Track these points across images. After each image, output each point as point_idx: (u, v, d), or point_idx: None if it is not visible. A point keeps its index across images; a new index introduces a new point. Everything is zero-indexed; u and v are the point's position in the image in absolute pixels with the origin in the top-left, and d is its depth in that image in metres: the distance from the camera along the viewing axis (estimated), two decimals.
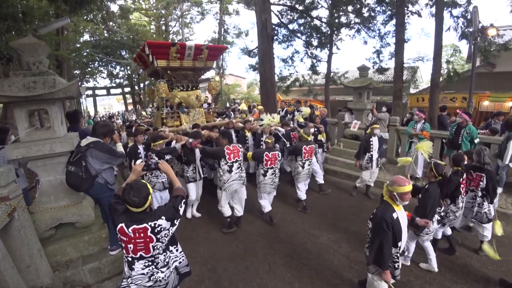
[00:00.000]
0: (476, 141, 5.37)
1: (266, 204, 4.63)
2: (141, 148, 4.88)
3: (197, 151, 4.40)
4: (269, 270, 3.50)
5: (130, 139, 6.07)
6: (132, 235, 1.95)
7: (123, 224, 1.95)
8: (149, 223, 1.97)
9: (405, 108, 12.49)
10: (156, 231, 1.99)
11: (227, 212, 4.36)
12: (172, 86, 6.65)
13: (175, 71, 6.55)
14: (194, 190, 4.70)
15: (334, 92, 17.86)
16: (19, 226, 2.59)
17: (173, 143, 4.76)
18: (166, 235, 2.08)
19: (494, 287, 3.15)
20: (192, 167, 4.63)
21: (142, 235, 1.96)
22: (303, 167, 4.94)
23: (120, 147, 3.38)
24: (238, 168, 4.11)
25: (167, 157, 4.18)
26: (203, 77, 8.01)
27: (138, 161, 2.63)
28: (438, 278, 3.28)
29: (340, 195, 5.92)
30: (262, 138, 5.50)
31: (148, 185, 2.05)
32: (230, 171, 4.04)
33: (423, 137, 5.97)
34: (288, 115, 8.59)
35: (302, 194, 5.09)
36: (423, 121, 6.14)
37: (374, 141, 5.39)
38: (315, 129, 6.31)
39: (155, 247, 2.03)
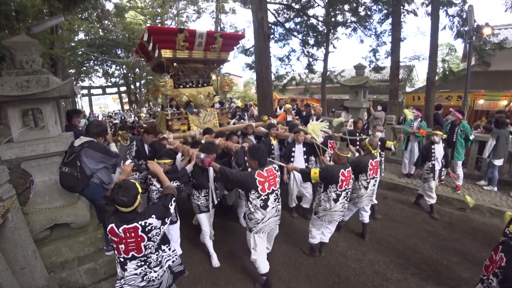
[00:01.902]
0: (471, 137, 5.46)
1: (318, 235, 3.63)
2: (147, 149, 4.40)
3: (211, 170, 3.34)
4: None
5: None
6: (123, 235, 1.93)
7: (113, 225, 1.94)
8: (140, 222, 1.95)
9: (401, 106, 12.55)
10: (147, 230, 1.98)
11: (263, 267, 3.05)
12: (179, 82, 5.65)
13: (182, 63, 5.54)
14: (207, 222, 3.57)
15: (331, 91, 17.90)
16: (13, 227, 2.56)
17: (179, 155, 3.87)
18: (158, 234, 2.06)
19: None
20: (205, 192, 3.46)
21: (133, 234, 1.95)
22: (366, 187, 3.83)
23: (113, 147, 3.36)
24: (275, 199, 2.94)
25: (175, 183, 3.02)
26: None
27: (127, 162, 2.61)
28: (434, 276, 3.30)
29: None
30: (293, 149, 4.44)
31: (137, 184, 2.02)
32: (265, 207, 2.84)
33: (420, 135, 6.03)
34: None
35: (366, 216, 4.09)
36: (419, 119, 6.20)
37: (437, 149, 4.67)
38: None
39: (147, 247, 2.02)
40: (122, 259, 2.03)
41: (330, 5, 12.81)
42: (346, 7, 12.82)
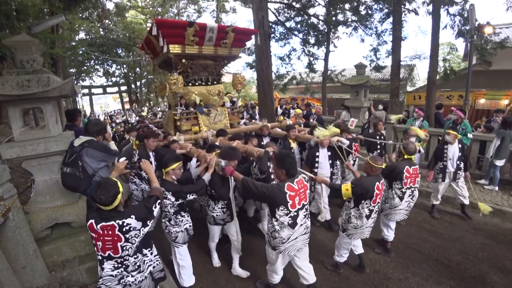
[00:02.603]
0: (469, 135, 5.43)
1: (346, 254, 3.31)
2: (152, 157, 3.91)
3: (232, 178, 2.91)
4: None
5: (130, 137, 5.03)
6: (101, 232, 1.92)
7: (92, 221, 1.93)
8: (117, 221, 1.92)
9: (402, 106, 12.53)
10: (124, 229, 1.93)
11: (276, 279, 2.86)
12: (187, 80, 5.38)
13: (191, 59, 5.28)
14: (218, 234, 3.37)
15: (331, 90, 17.87)
16: (14, 227, 2.57)
17: (194, 161, 3.52)
18: (137, 235, 2.00)
19: (490, 283, 3.17)
20: (222, 204, 3.14)
21: (110, 232, 1.92)
22: (401, 197, 3.48)
23: (113, 146, 3.37)
24: (305, 216, 2.59)
25: (191, 196, 2.79)
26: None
27: (122, 159, 2.60)
28: (434, 275, 3.30)
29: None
30: (317, 153, 4.10)
31: (118, 183, 1.98)
32: (293, 225, 2.48)
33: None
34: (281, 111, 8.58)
35: (391, 234, 3.75)
36: (421, 118, 6.21)
37: (450, 150, 4.49)
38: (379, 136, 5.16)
39: (124, 248, 1.98)
40: (100, 257, 2.01)
41: (330, 4, 12.76)
42: (347, 6, 12.76)
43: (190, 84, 5.43)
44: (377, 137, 5.19)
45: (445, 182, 4.61)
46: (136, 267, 2.09)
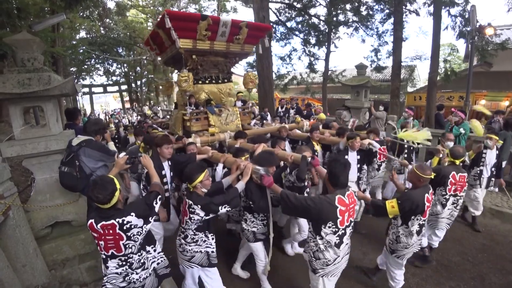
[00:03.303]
0: (461, 130, 5.31)
1: (402, 277, 2.92)
2: (166, 167, 3.21)
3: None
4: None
5: (138, 139, 4.64)
6: (102, 232, 1.88)
7: (92, 220, 1.89)
8: (117, 220, 1.87)
9: (402, 106, 12.53)
10: (125, 228, 1.89)
11: None
12: (197, 77, 5.07)
13: (202, 56, 4.98)
14: (263, 251, 2.92)
15: (332, 91, 17.88)
16: (14, 225, 2.57)
17: (219, 168, 3.23)
18: (139, 233, 1.96)
19: (489, 284, 3.17)
20: (262, 216, 2.81)
21: (111, 231, 1.88)
22: (444, 205, 3.24)
23: (112, 146, 3.35)
24: (349, 234, 2.31)
25: (224, 209, 2.42)
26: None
27: (122, 154, 2.57)
28: (434, 276, 3.30)
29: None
30: (346, 157, 3.71)
31: (115, 180, 1.93)
32: (339, 244, 2.19)
33: None
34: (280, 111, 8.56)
35: (436, 241, 3.50)
36: (411, 118, 6.26)
37: (488, 155, 4.17)
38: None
39: (127, 246, 1.94)
40: (104, 256, 1.98)
41: (331, 4, 12.76)
42: (348, 6, 12.78)
43: (200, 82, 5.17)
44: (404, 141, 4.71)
45: (482, 189, 4.27)
46: (141, 264, 2.07)
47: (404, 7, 10.21)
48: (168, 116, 8.98)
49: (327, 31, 13.43)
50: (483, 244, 3.92)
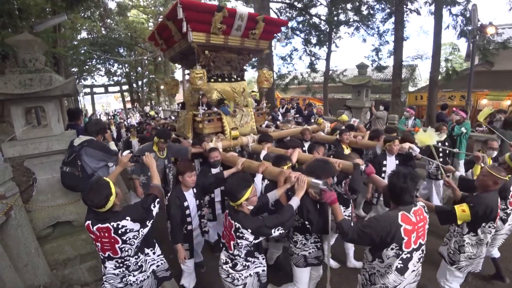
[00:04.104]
0: (462, 129, 5.34)
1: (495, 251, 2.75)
2: (190, 197, 2.73)
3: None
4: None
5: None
6: (98, 234, 1.88)
7: (89, 222, 1.88)
8: (112, 223, 1.84)
9: (403, 106, 12.52)
10: (119, 232, 1.86)
11: None
12: (209, 75, 4.66)
13: (215, 51, 4.62)
14: (308, 279, 2.52)
15: (333, 90, 17.85)
16: (16, 225, 2.58)
17: (258, 179, 2.72)
18: (135, 237, 1.93)
19: (493, 284, 3.16)
20: (315, 237, 2.41)
21: (106, 235, 1.87)
22: (504, 220, 2.79)
23: (113, 146, 3.35)
24: (419, 259, 1.96)
25: (277, 232, 2.00)
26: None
27: (126, 152, 2.56)
28: (434, 277, 3.29)
29: None
30: (384, 162, 3.50)
31: (111, 183, 1.89)
32: (402, 270, 1.83)
33: (415, 133, 5.99)
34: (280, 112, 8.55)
35: (495, 251, 3.08)
36: (413, 117, 6.24)
37: None
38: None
39: (123, 249, 1.93)
40: (102, 257, 1.99)
41: (332, 4, 12.74)
42: (349, 6, 12.76)
43: (212, 80, 4.80)
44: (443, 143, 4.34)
45: None
46: (138, 266, 2.06)
47: (405, 6, 10.18)
48: (172, 117, 8.84)
49: (328, 30, 13.40)
50: None
